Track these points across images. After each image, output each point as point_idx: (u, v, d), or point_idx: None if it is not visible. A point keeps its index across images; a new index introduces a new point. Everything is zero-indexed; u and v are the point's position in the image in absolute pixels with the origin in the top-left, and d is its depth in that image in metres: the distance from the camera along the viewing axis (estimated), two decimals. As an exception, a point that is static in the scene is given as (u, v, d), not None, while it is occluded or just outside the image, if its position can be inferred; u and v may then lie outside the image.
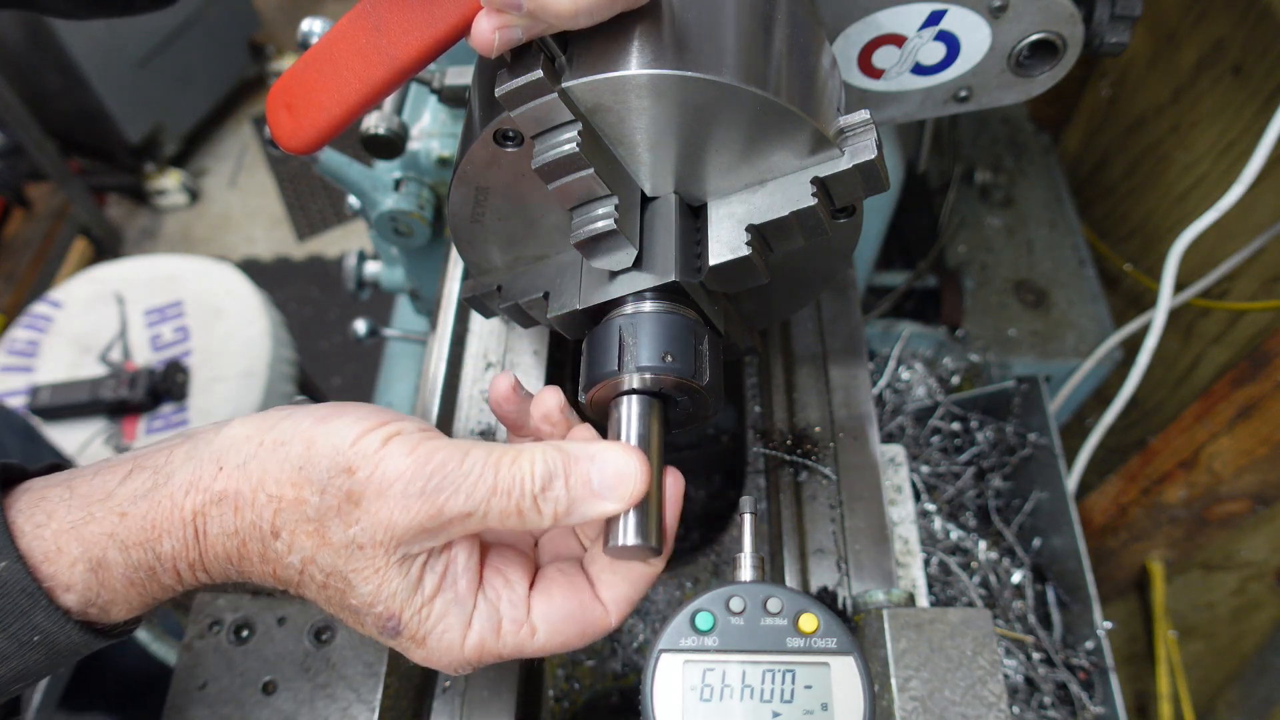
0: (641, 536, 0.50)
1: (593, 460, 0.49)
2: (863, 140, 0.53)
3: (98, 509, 0.47)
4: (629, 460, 0.49)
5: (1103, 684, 1.02)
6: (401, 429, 0.48)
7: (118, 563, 0.47)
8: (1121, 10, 0.71)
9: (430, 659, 0.51)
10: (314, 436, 0.47)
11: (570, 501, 0.49)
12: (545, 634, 0.52)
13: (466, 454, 0.47)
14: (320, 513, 0.47)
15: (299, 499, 0.47)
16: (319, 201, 3.35)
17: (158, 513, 0.47)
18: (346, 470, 0.46)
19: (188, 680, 0.63)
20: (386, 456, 0.46)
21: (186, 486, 0.47)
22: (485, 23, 0.47)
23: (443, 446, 0.47)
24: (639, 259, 0.55)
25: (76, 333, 1.89)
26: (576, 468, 0.49)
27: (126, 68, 2.95)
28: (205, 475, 0.47)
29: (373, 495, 0.46)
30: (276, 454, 0.47)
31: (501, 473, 0.47)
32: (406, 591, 0.48)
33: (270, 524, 0.47)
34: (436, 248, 1.19)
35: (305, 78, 0.55)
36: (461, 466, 0.47)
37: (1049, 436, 1.15)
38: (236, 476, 0.47)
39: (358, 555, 0.47)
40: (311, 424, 0.48)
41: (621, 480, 0.49)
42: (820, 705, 0.54)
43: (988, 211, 1.63)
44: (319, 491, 0.46)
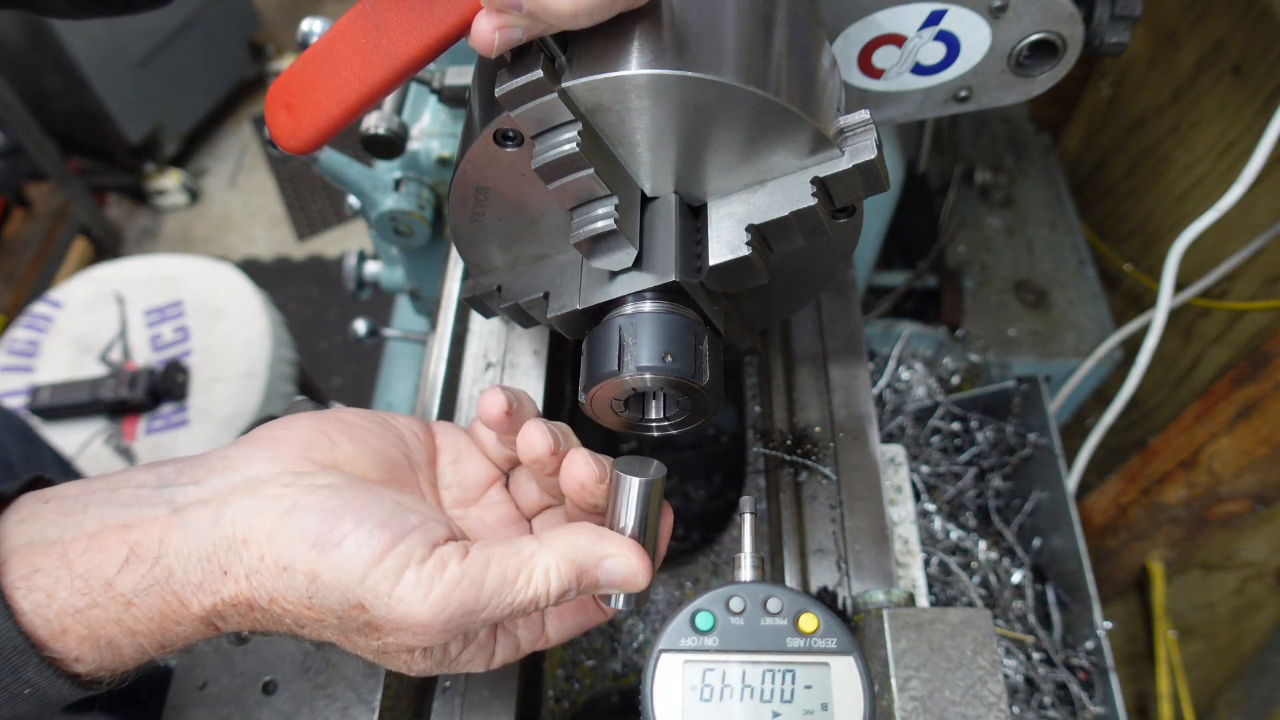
0: (632, 604, 0.54)
1: (600, 567, 0.51)
2: (863, 140, 0.53)
3: (101, 596, 0.45)
4: (635, 569, 0.52)
5: (1103, 684, 1.02)
6: (411, 554, 0.46)
7: (128, 644, 0.46)
8: (1121, 10, 0.71)
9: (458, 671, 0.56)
10: (317, 570, 0.45)
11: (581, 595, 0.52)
12: (557, 639, 0.59)
13: (482, 586, 0.47)
14: (342, 629, 0.48)
15: (317, 618, 0.47)
16: (319, 201, 3.34)
17: (165, 608, 0.46)
18: (359, 607, 0.45)
19: (188, 680, 0.63)
20: (401, 600, 0.45)
21: (193, 588, 0.46)
22: (485, 23, 0.47)
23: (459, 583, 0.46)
24: (639, 259, 0.55)
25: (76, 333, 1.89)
26: (587, 578, 0.51)
27: (126, 68, 2.95)
28: (211, 579, 0.46)
29: (391, 630, 0.46)
30: (281, 580, 0.45)
31: (518, 600, 0.48)
32: (435, 664, 0.52)
33: (295, 621, 0.48)
34: (436, 248, 1.19)
35: (304, 77, 0.55)
36: (479, 602, 0.47)
37: (1049, 436, 1.15)
38: (246, 586, 0.46)
39: (385, 656, 0.50)
40: (310, 552, 0.45)
41: (627, 584, 0.52)
42: (820, 705, 0.54)
43: (988, 211, 1.63)
44: (337, 618, 0.46)
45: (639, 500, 0.53)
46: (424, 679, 0.67)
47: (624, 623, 0.80)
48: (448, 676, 0.68)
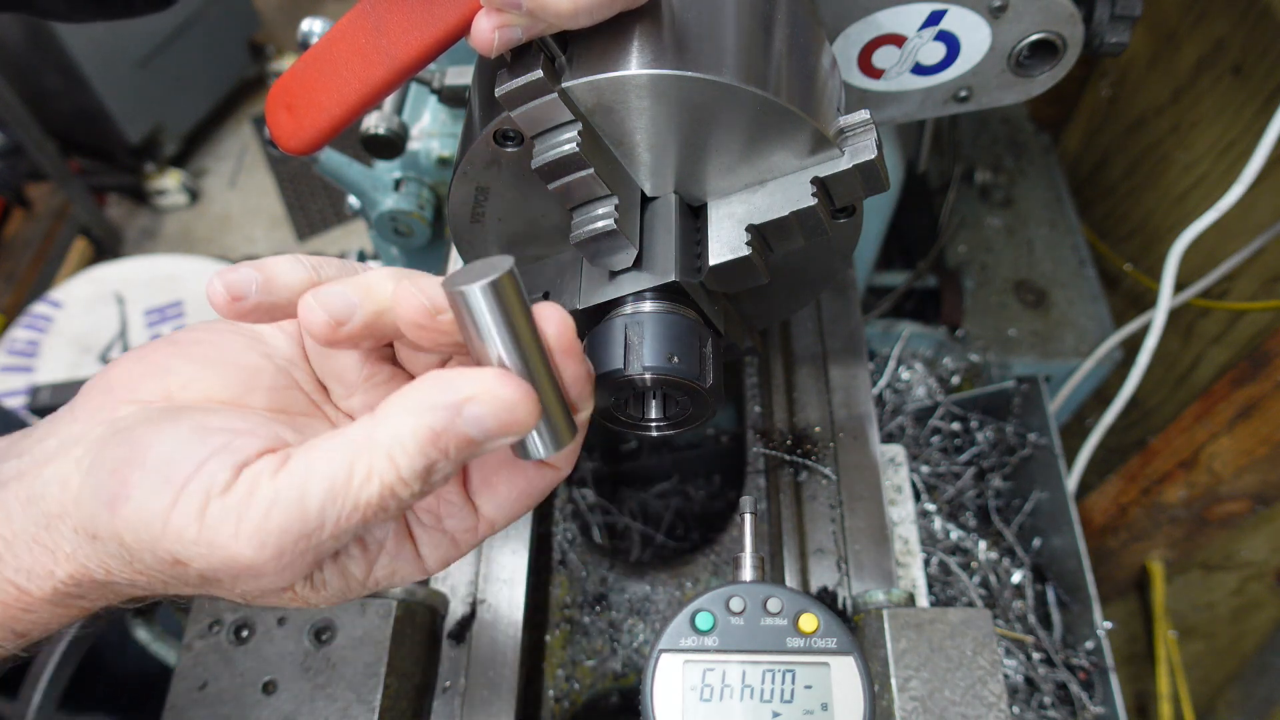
0: (552, 445, 0.42)
1: (463, 421, 0.37)
2: (863, 140, 0.53)
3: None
4: (507, 397, 0.38)
5: (1103, 684, 1.02)
6: (209, 485, 0.37)
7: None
8: (1121, 10, 0.71)
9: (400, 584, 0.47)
10: (119, 533, 0.38)
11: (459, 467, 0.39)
12: (503, 518, 0.46)
13: (306, 498, 0.36)
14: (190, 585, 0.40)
15: (156, 579, 0.40)
16: (319, 201, 3.35)
17: (8, 597, 0.41)
18: (176, 562, 0.37)
19: (188, 680, 0.63)
20: (214, 543, 0.36)
21: (26, 573, 0.40)
22: (485, 22, 0.46)
23: (274, 504, 0.36)
24: (639, 259, 0.55)
25: (76, 333, 1.89)
26: (451, 440, 0.37)
27: (126, 68, 2.95)
28: (41, 562, 0.40)
29: (228, 578, 0.38)
30: (97, 548, 0.39)
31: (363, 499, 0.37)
32: (338, 591, 0.43)
33: (146, 590, 0.41)
34: (436, 248, 1.19)
35: (305, 78, 0.55)
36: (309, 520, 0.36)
37: (1049, 436, 1.15)
38: (78, 561, 0.40)
39: (259, 601, 0.42)
40: (105, 512, 0.38)
41: (509, 425, 0.38)
42: (820, 705, 0.54)
43: (988, 211, 1.63)
44: (168, 577, 0.39)
45: (491, 312, 0.38)
46: (424, 678, 0.67)
47: (624, 622, 0.80)
48: (448, 675, 0.68)
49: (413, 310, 0.40)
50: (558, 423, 0.42)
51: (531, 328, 0.40)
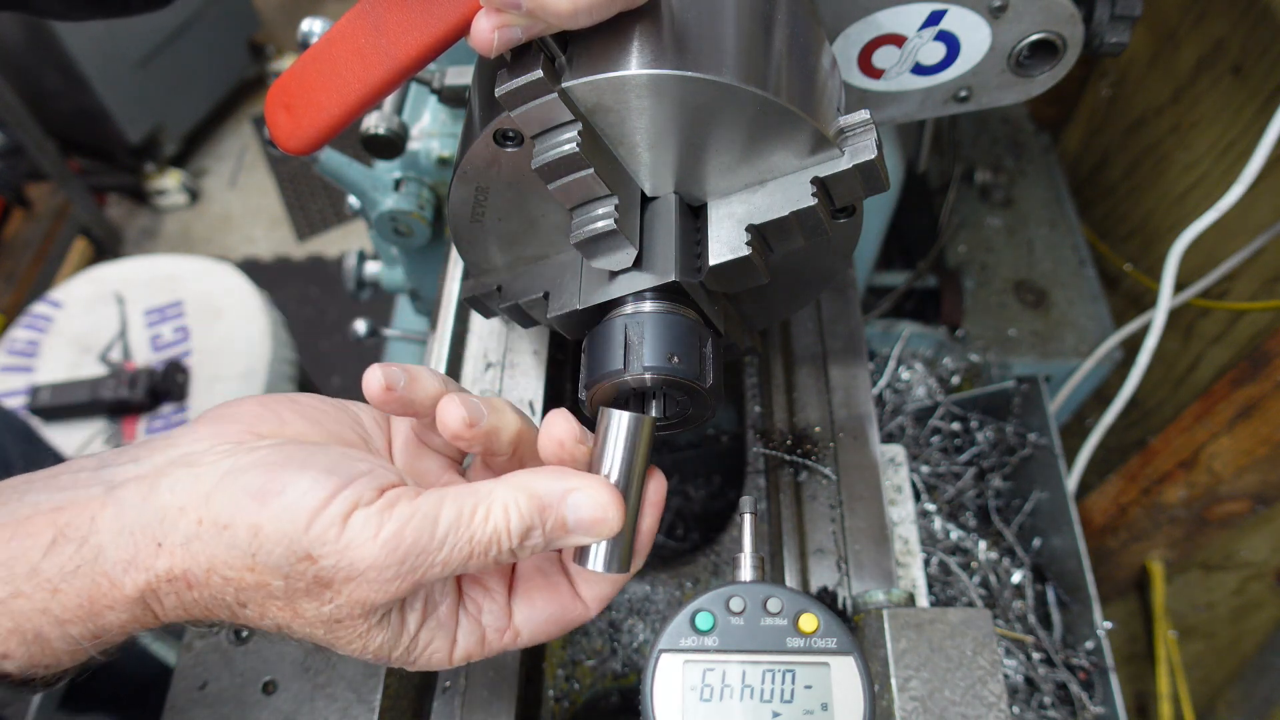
0: (612, 565, 0.50)
1: (566, 504, 0.47)
2: (863, 140, 0.53)
3: (25, 584, 0.42)
4: (604, 503, 0.47)
5: (1103, 684, 1.02)
6: (358, 497, 0.44)
7: (56, 635, 0.43)
8: (1121, 10, 0.71)
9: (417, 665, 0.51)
10: (259, 522, 0.42)
11: (548, 542, 0.48)
12: (528, 636, 0.53)
13: (437, 522, 0.44)
14: (288, 593, 0.44)
15: (261, 582, 0.43)
16: (319, 201, 3.35)
17: (95, 591, 0.43)
18: (307, 558, 0.42)
19: (188, 680, 0.63)
20: (350, 544, 0.42)
21: (124, 565, 0.43)
22: (484, 22, 0.46)
23: (411, 519, 0.44)
24: (639, 259, 0.55)
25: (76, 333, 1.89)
26: (552, 515, 0.47)
27: (126, 68, 2.95)
28: (144, 553, 0.43)
29: (343, 581, 0.43)
30: (221, 539, 0.43)
31: (477, 537, 0.45)
32: (392, 639, 0.48)
33: (235, 599, 0.44)
34: (436, 248, 1.19)
35: (304, 78, 0.55)
36: (434, 539, 0.44)
37: (1049, 436, 1.15)
38: (182, 556, 0.43)
39: (337, 627, 0.46)
40: (252, 504, 0.43)
41: (597, 523, 0.48)
42: (820, 705, 0.54)
43: (988, 211, 1.63)
44: (282, 577, 0.43)
45: (626, 438, 0.49)
46: (424, 679, 0.67)
47: (624, 622, 0.80)
48: (448, 676, 0.68)
49: (566, 433, 0.50)
50: (623, 550, 0.50)
51: (644, 470, 0.51)
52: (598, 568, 0.50)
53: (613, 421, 0.49)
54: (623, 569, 0.50)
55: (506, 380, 0.81)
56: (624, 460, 0.49)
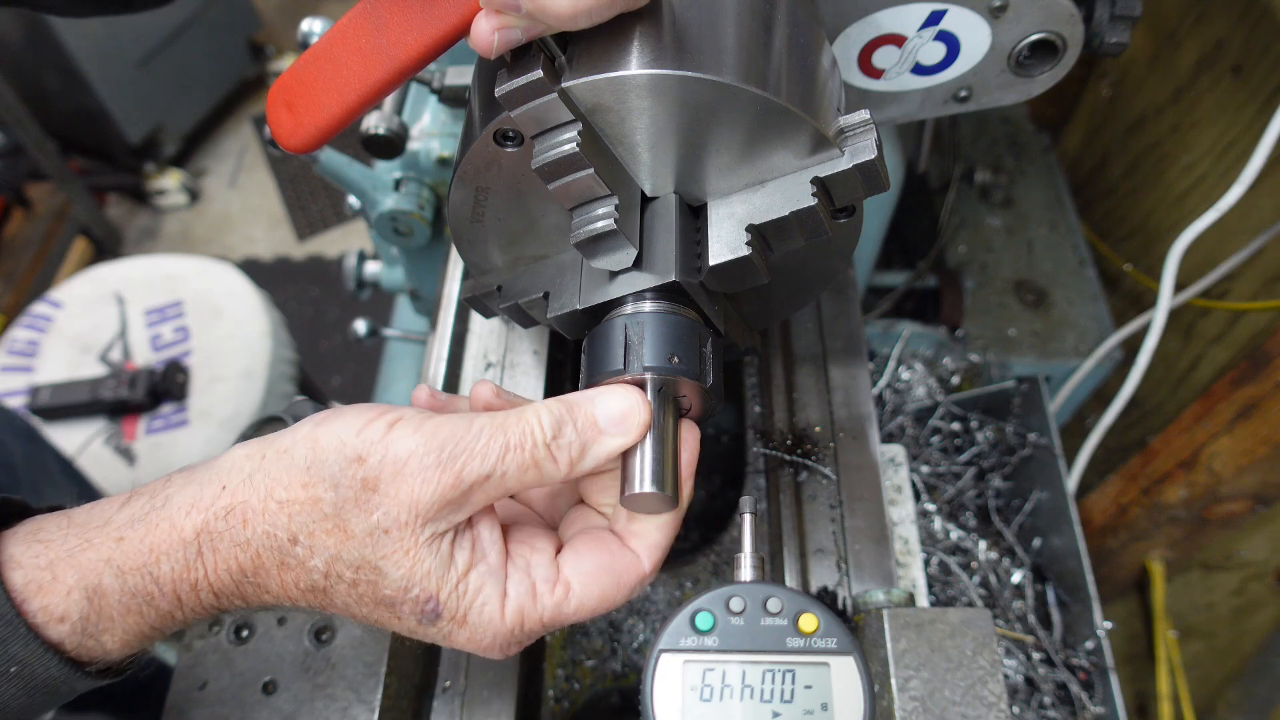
0: (657, 483, 0.51)
1: (594, 403, 0.51)
2: (863, 140, 0.53)
3: (95, 535, 0.46)
4: (629, 397, 0.51)
5: (1103, 684, 1.02)
6: (403, 414, 0.48)
7: (114, 589, 0.46)
8: (1121, 10, 0.71)
9: (474, 638, 0.51)
10: (317, 436, 0.47)
11: (582, 444, 0.50)
12: (580, 587, 0.52)
13: (472, 421, 0.48)
14: (337, 507, 0.46)
15: (313, 498, 0.46)
16: (319, 201, 3.35)
17: (156, 535, 0.46)
18: (357, 460, 0.46)
19: (188, 680, 0.63)
20: (395, 439, 0.47)
21: (187, 507, 0.47)
22: (484, 23, 0.47)
23: (448, 420, 0.48)
24: (639, 259, 0.55)
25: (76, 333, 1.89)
26: (581, 412, 0.50)
27: (126, 68, 2.95)
28: (207, 495, 0.47)
29: (389, 477, 0.46)
30: (281, 461, 0.47)
31: (510, 430, 0.48)
32: (440, 569, 0.48)
33: (286, 530, 0.46)
34: (436, 248, 1.19)
35: (305, 76, 0.55)
36: (470, 432, 0.47)
37: (1049, 436, 1.15)
38: (243, 490, 0.47)
39: (384, 540, 0.47)
40: (311, 427, 0.48)
41: (626, 415, 0.51)
42: (820, 705, 0.54)
43: (988, 211, 1.63)
44: (332, 486, 0.46)
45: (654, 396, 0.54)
46: (424, 679, 0.67)
47: (624, 622, 0.80)
48: (448, 676, 0.68)
49: None
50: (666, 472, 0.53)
51: (676, 415, 0.57)
52: (645, 487, 0.51)
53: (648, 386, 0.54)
54: (666, 490, 0.52)
55: (506, 380, 0.81)
56: (655, 409, 0.53)
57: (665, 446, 0.53)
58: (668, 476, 0.53)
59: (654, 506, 0.53)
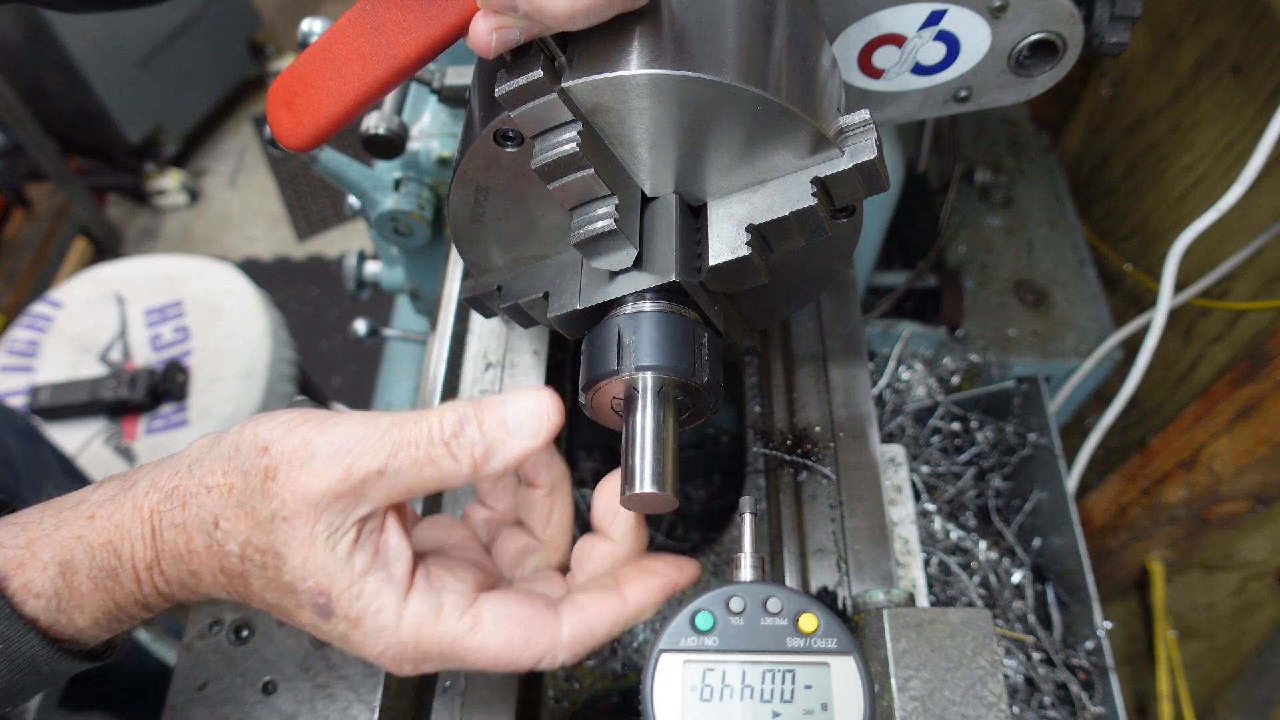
0: (657, 483, 0.51)
1: (505, 404, 0.50)
2: (863, 140, 0.53)
3: (69, 514, 0.50)
4: (540, 399, 0.50)
5: (1103, 684, 1.02)
6: (325, 416, 0.50)
7: (84, 564, 0.49)
8: (1121, 10, 0.71)
9: (367, 643, 0.50)
10: (244, 429, 0.50)
11: (487, 444, 0.49)
12: (489, 625, 0.51)
13: (374, 419, 0.49)
14: (246, 494, 0.49)
15: (229, 485, 0.49)
16: (319, 201, 3.35)
17: (121, 514, 0.49)
18: (263, 449, 0.48)
19: (188, 680, 0.63)
20: (297, 431, 0.49)
21: (147, 487, 0.50)
22: (482, 24, 0.47)
23: (353, 418, 0.49)
24: (639, 259, 0.55)
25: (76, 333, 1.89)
26: (489, 412, 0.50)
27: (126, 68, 2.95)
28: (163, 477, 0.50)
29: (284, 467, 0.48)
30: (216, 449, 0.50)
31: (407, 427, 0.49)
32: (336, 566, 0.49)
33: (211, 514, 0.49)
34: (436, 248, 1.19)
35: (305, 75, 0.55)
36: (366, 428, 0.48)
37: (1049, 436, 1.15)
38: (185, 475, 0.50)
39: (284, 527, 0.48)
40: (245, 422, 0.51)
41: (536, 417, 0.50)
42: (820, 705, 0.54)
43: (988, 211, 1.63)
44: (243, 475, 0.49)
45: (654, 406, 0.55)
46: (424, 679, 0.67)
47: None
48: (448, 675, 0.68)
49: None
50: (666, 472, 0.53)
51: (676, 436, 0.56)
52: (645, 487, 0.51)
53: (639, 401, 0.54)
54: (667, 490, 0.52)
55: (506, 380, 0.81)
56: (655, 422, 0.54)
57: (665, 446, 0.53)
58: (668, 476, 0.53)
59: (654, 506, 0.53)
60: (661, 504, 0.53)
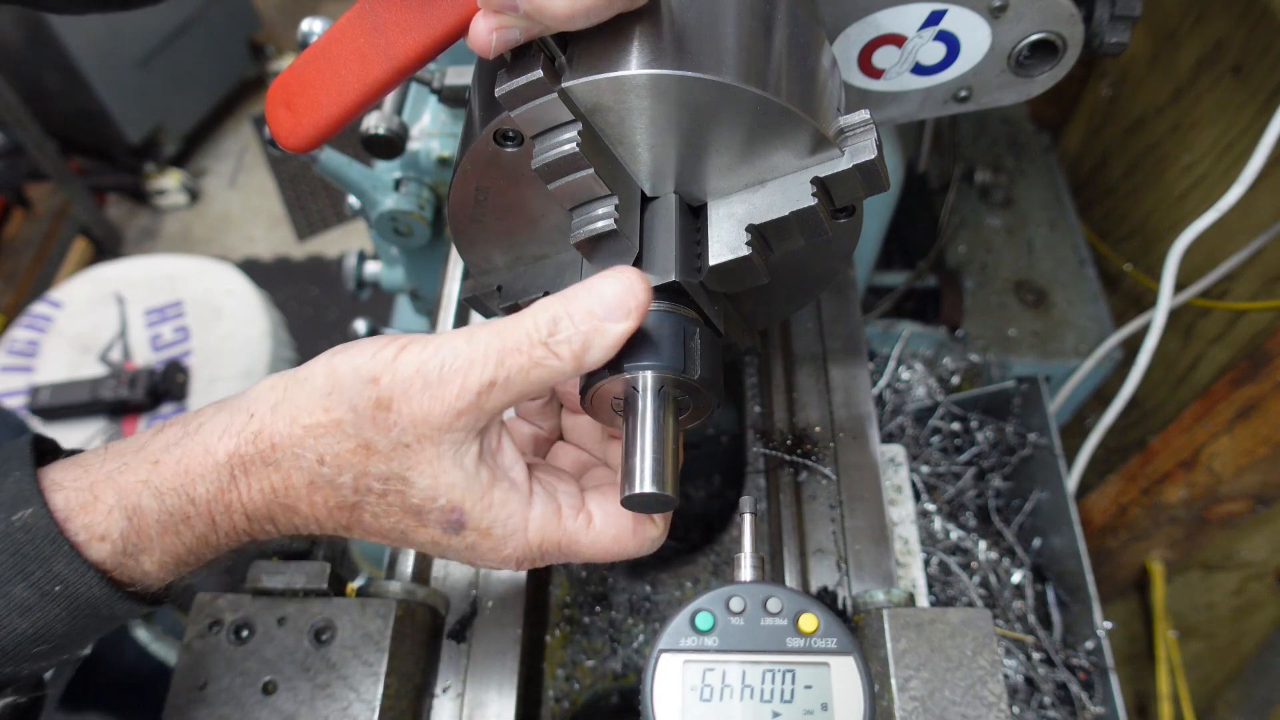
0: (658, 483, 0.52)
1: (589, 292, 0.50)
2: (863, 140, 0.53)
3: (132, 459, 0.49)
4: (623, 278, 0.50)
5: (1103, 684, 1.02)
6: (415, 338, 0.50)
7: (152, 508, 0.48)
8: (1121, 10, 0.71)
9: (497, 549, 0.53)
10: (334, 364, 0.50)
11: (584, 336, 0.49)
12: (600, 522, 0.56)
13: (472, 334, 0.49)
14: (358, 427, 0.49)
15: (335, 421, 0.49)
16: (319, 201, 3.35)
17: (190, 459, 0.49)
18: (371, 380, 0.48)
19: (188, 680, 0.63)
20: (403, 359, 0.49)
21: (219, 433, 0.49)
22: (482, 24, 0.47)
23: (452, 337, 0.49)
24: (639, 259, 0.55)
25: (76, 333, 1.89)
26: (576, 304, 0.49)
27: (126, 68, 2.94)
28: (237, 422, 0.50)
29: (400, 395, 0.48)
30: (303, 388, 0.50)
31: (506, 334, 0.49)
32: (466, 482, 0.51)
33: (314, 451, 0.49)
34: (436, 248, 1.19)
35: (305, 75, 0.55)
36: (470, 344, 0.49)
37: (1049, 436, 1.15)
38: (269, 418, 0.49)
39: (408, 454, 0.49)
40: (329, 357, 0.50)
41: (625, 297, 0.49)
42: (820, 705, 0.54)
43: (988, 211, 1.63)
44: (351, 409, 0.48)
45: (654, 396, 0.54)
46: (424, 678, 0.67)
47: (624, 622, 0.80)
48: (448, 676, 0.68)
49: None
50: (666, 472, 0.53)
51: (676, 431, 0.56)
52: (645, 487, 0.52)
53: (637, 383, 0.54)
54: (667, 490, 0.52)
55: (506, 380, 0.81)
56: (655, 413, 0.54)
57: (665, 446, 0.53)
58: (668, 476, 0.53)
59: (654, 506, 0.53)
60: (662, 504, 0.53)
